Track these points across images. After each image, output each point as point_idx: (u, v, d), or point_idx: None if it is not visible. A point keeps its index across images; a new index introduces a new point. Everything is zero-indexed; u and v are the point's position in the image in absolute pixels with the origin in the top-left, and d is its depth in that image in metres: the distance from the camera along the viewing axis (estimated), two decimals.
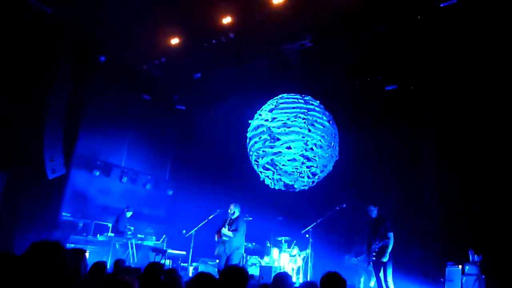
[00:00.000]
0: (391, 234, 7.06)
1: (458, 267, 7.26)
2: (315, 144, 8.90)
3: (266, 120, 9.29)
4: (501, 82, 7.75)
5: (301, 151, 8.84)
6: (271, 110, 9.37)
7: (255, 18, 9.25)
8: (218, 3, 9.15)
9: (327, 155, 9.04)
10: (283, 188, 9.71)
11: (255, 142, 9.56)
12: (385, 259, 6.98)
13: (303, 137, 8.84)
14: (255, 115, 9.85)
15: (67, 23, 8.76)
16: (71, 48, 8.95)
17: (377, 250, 7.09)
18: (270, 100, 9.72)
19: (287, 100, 9.36)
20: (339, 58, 9.51)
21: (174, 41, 10.29)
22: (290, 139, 8.87)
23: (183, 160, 13.18)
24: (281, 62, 10.34)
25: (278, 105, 9.35)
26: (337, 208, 7.63)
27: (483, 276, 6.96)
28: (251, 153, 9.81)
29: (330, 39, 9.49)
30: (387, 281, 6.99)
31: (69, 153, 8.93)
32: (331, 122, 9.28)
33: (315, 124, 8.95)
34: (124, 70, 11.10)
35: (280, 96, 9.64)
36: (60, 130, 8.72)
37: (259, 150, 9.45)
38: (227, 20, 9.42)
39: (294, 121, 8.94)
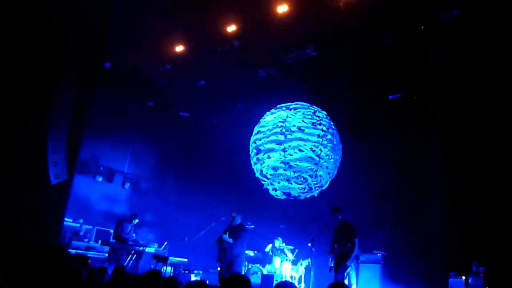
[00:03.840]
0: (356, 240, 7.03)
1: (461, 278, 7.19)
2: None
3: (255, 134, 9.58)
4: (505, 91, 7.74)
5: (280, 158, 8.98)
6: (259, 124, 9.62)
7: (259, 26, 9.32)
8: (223, 12, 9.23)
9: (327, 157, 8.99)
10: (284, 197, 9.70)
11: (251, 156, 9.81)
12: (349, 263, 6.94)
13: (278, 144, 8.97)
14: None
15: (72, 29, 8.84)
16: (76, 54, 9.02)
17: (339, 255, 7.05)
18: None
19: (273, 111, 9.55)
20: (342, 67, 9.54)
21: (179, 48, 10.36)
22: (268, 148, 9.05)
23: (186, 167, 13.17)
24: (285, 71, 10.38)
25: (265, 118, 9.56)
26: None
27: (486, 287, 6.89)
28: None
29: (334, 48, 9.53)
30: (350, 285, 6.95)
31: (73, 159, 8.95)
32: (319, 124, 9.18)
33: (292, 128, 9.02)
34: (128, 77, 11.16)
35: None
36: (64, 136, 8.76)
37: (253, 163, 9.68)
38: (231, 28, 9.49)
39: (271, 130, 9.10)
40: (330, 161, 9.13)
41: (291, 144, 8.94)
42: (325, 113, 9.51)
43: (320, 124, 9.14)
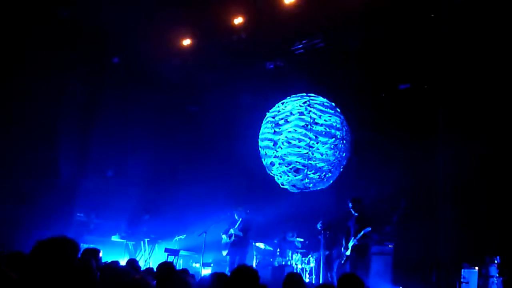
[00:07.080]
0: (374, 235, 7.00)
1: (475, 268, 7.11)
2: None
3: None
4: None
5: (273, 152, 8.98)
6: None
7: (266, 18, 9.24)
8: (229, 4, 9.17)
9: (320, 148, 8.84)
10: (295, 190, 9.66)
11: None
12: (366, 258, 6.93)
13: (270, 140, 8.99)
14: None
15: (81, 24, 8.88)
16: (86, 50, 9.07)
17: (353, 248, 7.02)
18: None
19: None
20: (351, 58, 9.43)
21: (186, 42, 10.34)
22: (265, 145, 9.05)
23: (197, 161, 13.19)
24: (293, 62, 10.31)
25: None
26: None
27: (501, 278, 6.80)
28: None
29: (342, 38, 9.43)
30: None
31: (83, 154, 9.04)
32: (309, 112, 8.99)
33: (280, 122, 8.98)
34: (136, 72, 11.18)
35: None
36: (74, 132, 8.84)
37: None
38: (238, 20, 9.42)
39: (266, 127, 9.16)
40: (324, 147, 8.88)
41: (280, 138, 8.94)
42: (324, 99, 9.28)
43: (309, 112, 8.94)
